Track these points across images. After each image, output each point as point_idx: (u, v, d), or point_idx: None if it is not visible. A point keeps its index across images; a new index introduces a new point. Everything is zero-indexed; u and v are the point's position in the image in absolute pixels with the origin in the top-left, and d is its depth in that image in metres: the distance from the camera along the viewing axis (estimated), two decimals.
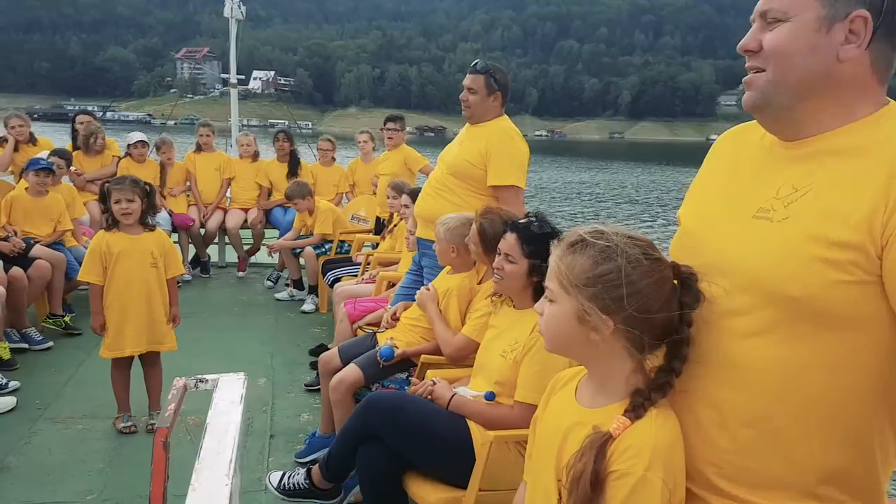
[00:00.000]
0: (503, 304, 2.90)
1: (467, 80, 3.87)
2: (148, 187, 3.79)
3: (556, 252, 1.46)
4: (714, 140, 1.72)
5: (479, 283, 3.39)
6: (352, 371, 3.25)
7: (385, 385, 3.30)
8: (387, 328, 3.63)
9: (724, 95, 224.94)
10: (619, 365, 1.44)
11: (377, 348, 3.32)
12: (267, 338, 5.68)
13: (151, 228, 3.86)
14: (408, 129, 7.54)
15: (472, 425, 2.60)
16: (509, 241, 2.72)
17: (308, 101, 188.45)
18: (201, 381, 1.93)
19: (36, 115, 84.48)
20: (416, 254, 4.18)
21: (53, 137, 8.69)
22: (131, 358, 3.94)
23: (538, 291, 2.70)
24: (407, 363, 3.33)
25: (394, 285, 4.85)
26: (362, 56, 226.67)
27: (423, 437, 2.58)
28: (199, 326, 5.84)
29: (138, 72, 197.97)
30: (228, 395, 1.82)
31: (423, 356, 3.24)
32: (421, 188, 4.40)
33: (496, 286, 2.80)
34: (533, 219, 2.75)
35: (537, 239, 2.67)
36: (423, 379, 3.18)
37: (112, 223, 3.77)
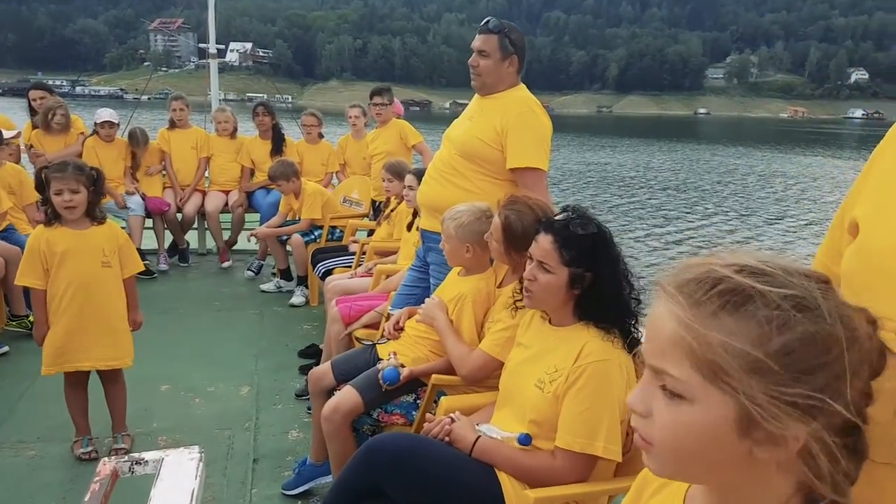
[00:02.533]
0: (533, 316, 2.36)
1: (478, 42, 3.28)
2: (95, 173, 3.19)
3: (674, 307, 0.83)
4: (702, 114, 1.12)
5: (499, 286, 2.85)
6: (348, 395, 2.71)
7: (388, 411, 2.76)
8: (388, 339, 3.08)
9: (711, 68, 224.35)
10: (774, 489, 0.86)
11: (378, 367, 2.77)
12: (251, 337, 5.12)
13: (101, 221, 3.25)
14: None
15: (504, 477, 2.07)
16: (544, 246, 2.16)
17: (287, 73, 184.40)
18: (138, 462, 1.37)
19: (1, 90, 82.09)
20: (419, 247, 3.62)
21: (18, 115, 8.05)
22: (87, 373, 3.38)
23: (581, 306, 2.17)
24: (415, 383, 2.80)
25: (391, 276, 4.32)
26: (343, 27, 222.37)
27: (440, 492, 2.06)
28: (176, 325, 5.30)
29: (110, 44, 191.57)
30: (172, 496, 1.25)
31: (433, 376, 2.71)
32: (425, 169, 3.84)
33: (527, 301, 2.25)
34: (572, 215, 2.20)
35: (579, 242, 2.12)
36: (435, 405, 2.67)
37: (53, 217, 3.17)
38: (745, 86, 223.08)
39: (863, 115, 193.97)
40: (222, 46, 10.20)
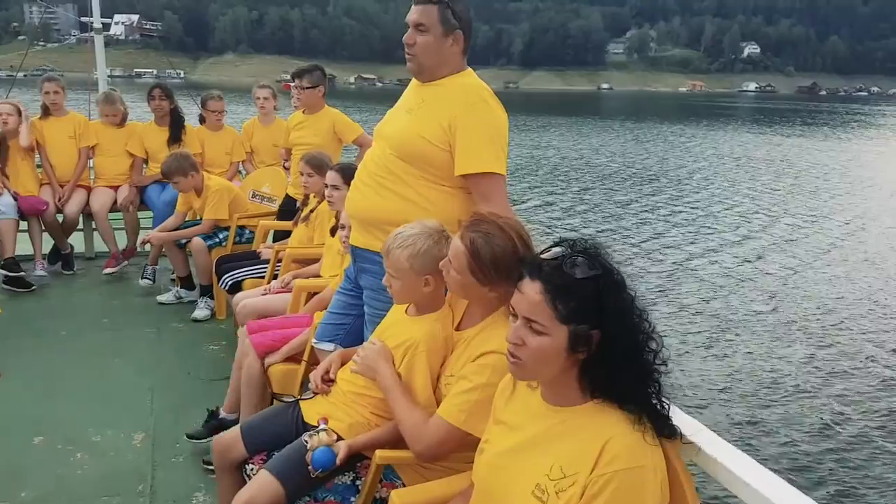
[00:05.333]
0: (516, 385, 1.79)
1: (414, 15, 2.61)
2: None
3: None
4: (606, 89, 0.61)
5: (458, 328, 2.25)
6: (265, 485, 2.06)
7: (320, 498, 2.14)
8: (316, 393, 2.44)
9: (612, 43, 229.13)
10: None
11: (304, 441, 2.13)
12: (147, 364, 4.36)
13: None
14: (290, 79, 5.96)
15: None
16: (531, 298, 1.55)
17: (179, 47, 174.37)
18: None
19: None
20: (349, 267, 2.97)
21: None
22: None
23: (590, 376, 1.59)
24: (354, 457, 2.18)
25: (317, 294, 3.66)
26: None
27: None
28: (54, 352, 4.49)
29: None
30: None
31: (377, 452, 2.09)
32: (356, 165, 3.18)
33: (514, 371, 1.66)
34: (566, 252, 1.60)
35: (579, 289, 1.53)
36: (381, 487, 2.08)
37: None
38: (645, 60, 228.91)
39: (756, 87, 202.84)
40: (108, 20, 9.15)
